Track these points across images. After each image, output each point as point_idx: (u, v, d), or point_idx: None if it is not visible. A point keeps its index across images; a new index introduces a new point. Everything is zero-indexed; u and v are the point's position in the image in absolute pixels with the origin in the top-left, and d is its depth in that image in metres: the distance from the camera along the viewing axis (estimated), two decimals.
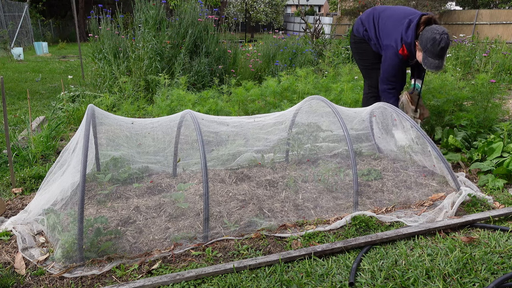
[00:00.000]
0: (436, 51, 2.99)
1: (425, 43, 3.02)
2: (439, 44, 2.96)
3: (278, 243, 2.29)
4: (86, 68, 8.07)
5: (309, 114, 3.21)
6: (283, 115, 3.20)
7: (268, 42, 7.88)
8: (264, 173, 3.18)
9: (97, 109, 2.55)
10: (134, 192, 2.83)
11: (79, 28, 9.52)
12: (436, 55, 3.00)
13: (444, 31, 3.00)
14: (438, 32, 2.98)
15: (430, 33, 3.00)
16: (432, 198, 2.79)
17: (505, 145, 3.35)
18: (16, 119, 4.88)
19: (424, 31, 3.06)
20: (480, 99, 4.24)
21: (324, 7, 43.65)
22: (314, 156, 3.39)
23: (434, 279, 1.95)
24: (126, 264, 2.05)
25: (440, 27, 3.05)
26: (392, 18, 3.37)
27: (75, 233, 2.03)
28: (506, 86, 7.09)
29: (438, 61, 3.03)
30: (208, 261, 2.11)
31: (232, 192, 2.84)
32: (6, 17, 16.18)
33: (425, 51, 3.04)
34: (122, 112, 4.32)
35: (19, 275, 1.98)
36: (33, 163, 3.40)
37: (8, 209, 2.67)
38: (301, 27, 17.46)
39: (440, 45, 2.97)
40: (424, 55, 3.07)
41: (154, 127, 2.87)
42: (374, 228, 2.43)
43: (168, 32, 6.04)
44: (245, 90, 4.52)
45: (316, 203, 2.74)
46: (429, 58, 3.04)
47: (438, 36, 2.96)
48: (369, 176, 3.10)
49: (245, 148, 3.31)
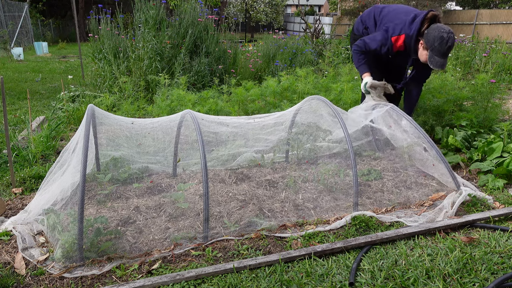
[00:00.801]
0: (443, 50, 2.97)
1: (432, 42, 2.99)
2: (446, 43, 2.95)
3: (278, 243, 2.29)
4: (86, 68, 8.08)
5: (309, 114, 3.21)
6: (283, 116, 3.19)
7: (268, 42, 7.88)
8: (264, 173, 3.18)
9: (97, 109, 2.55)
10: (134, 192, 2.83)
11: (79, 28, 9.52)
12: (443, 54, 2.99)
13: (450, 30, 2.99)
14: (445, 31, 2.96)
15: (437, 31, 2.98)
16: (432, 198, 2.79)
17: (505, 145, 3.35)
18: (16, 119, 4.88)
19: (430, 29, 3.04)
20: (480, 99, 4.25)
21: (324, 7, 43.65)
22: (314, 156, 3.39)
23: (434, 279, 1.95)
24: (126, 264, 2.05)
25: (445, 26, 3.03)
26: (395, 12, 3.34)
27: (75, 233, 2.03)
28: (506, 86, 7.09)
29: (443, 60, 3.02)
30: (208, 261, 2.11)
31: (232, 192, 2.84)
32: (6, 17, 16.18)
33: (432, 49, 3.01)
34: (122, 112, 4.32)
35: (19, 275, 1.98)
36: (33, 163, 3.40)
37: (8, 209, 2.67)
38: (301, 27, 17.46)
39: (447, 44, 2.95)
40: (430, 54, 3.04)
41: (154, 127, 2.87)
42: (374, 228, 2.43)
43: (168, 32, 6.04)
44: (245, 90, 4.52)
45: (316, 203, 2.74)
46: (436, 56, 3.02)
47: (446, 35, 2.94)
48: (369, 176, 3.10)
49: (245, 148, 3.31)
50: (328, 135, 3.33)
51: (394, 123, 3.20)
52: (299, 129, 3.26)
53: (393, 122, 3.21)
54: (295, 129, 3.26)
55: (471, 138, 3.79)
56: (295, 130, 3.26)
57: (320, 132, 3.28)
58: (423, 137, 2.89)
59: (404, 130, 3.20)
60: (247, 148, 3.31)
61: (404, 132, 3.22)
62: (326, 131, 3.29)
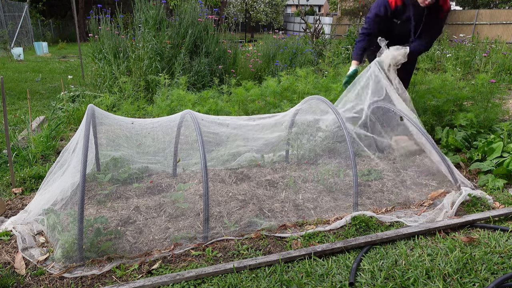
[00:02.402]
0: None
1: None
2: None
3: (278, 243, 2.29)
4: (86, 68, 8.07)
5: (309, 114, 3.21)
6: (283, 116, 3.19)
7: (268, 42, 7.88)
8: (264, 173, 3.18)
9: (97, 109, 2.55)
10: (134, 192, 2.83)
11: (79, 28, 9.52)
12: None
13: None
14: None
15: None
16: (431, 196, 2.79)
17: (505, 145, 3.35)
18: (16, 119, 4.88)
19: None
20: (480, 99, 4.24)
21: (324, 7, 43.63)
22: (314, 156, 3.39)
23: (434, 279, 1.95)
24: (126, 264, 2.05)
25: None
26: None
27: (75, 233, 2.03)
28: (506, 86, 7.08)
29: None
30: (208, 261, 2.11)
31: (232, 192, 2.84)
32: (6, 17, 16.17)
33: None
34: (122, 112, 4.32)
35: (19, 275, 1.98)
36: (33, 163, 3.40)
37: (8, 209, 2.67)
38: (301, 27, 17.45)
39: None
40: None
41: (154, 127, 2.87)
42: (374, 228, 2.43)
43: (168, 32, 6.04)
44: (245, 90, 4.52)
45: (316, 203, 2.74)
46: None
47: None
48: (369, 176, 3.10)
49: (245, 148, 3.31)
50: (328, 135, 3.33)
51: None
52: (299, 129, 3.26)
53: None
54: (295, 129, 3.26)
55: (471, 138, 3.79)
56: (295, 130, 3.26)
57: (320, 132, 3.28)
58: (422, 135, 2.90)
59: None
60: (247, 148, 3.31)
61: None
62: (326, 131, 3.29)
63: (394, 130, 3.35)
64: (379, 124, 3.40)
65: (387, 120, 3.33)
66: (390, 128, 3.35)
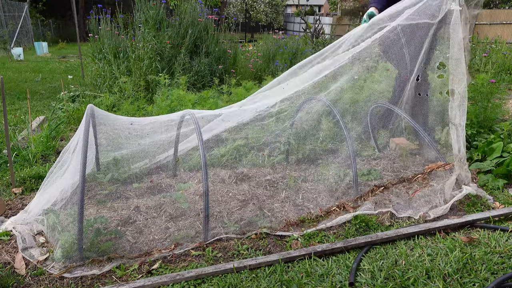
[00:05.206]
0: None
1: None
2: None
3: (278, 243, 2.29)
4: (86, 68, 8.07)
5: (309, 114, 3.21)
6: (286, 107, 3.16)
7: (268, 42, 7.88)
8: (264, 173, 3.18)
9: (97, 109, 2.55)
10: (134, 192, 2.83)
11: (79, 28, 9.51)
12: None
13: None
14: None
15: None
16: (429, 167, 2.77)
17: (505, 145, 3.35)
18: (16, 119, 4.88)
19: None
20: (480, 99, 4.24)
21: (324, 7, 43.62)
22: (314, 156, 3.39)
23: (434, 279, 1.95)
24: (126, 264, 2.05)
25: None
26: None
27: (75, 233, 2.03)
28: (506, 86, 7.08)
29: None
30: (208, 261, 2.11)
31: (232, 192, 2.84)
32: (6, 17, 16.18)
33: None
34: (122, 112, 4.32)
35: (19, 275, 1.98)
36: (33, 163, 3.40)
37: (8, 209, 2.67)
38: (301, 27, 17.45)
39: None
40: None
41: (153, 127, 2.87)
42: (374, 228, 2.43)
43: (168, 32, 6.04)
44: (245, 90, 4.52)
45: (316, 203, 2.74)
46: None
47: None
48: (369, 176, 3.10)
49: (245, 148, 3.31)
50: (328, 134, 3.33)
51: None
52: (299, 129, 3.26)
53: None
54: (295, 129, 3.26)
55: (471, 138, 3.79)
56: (295, 129, 3.26)
57: (320, 131, 3.28)
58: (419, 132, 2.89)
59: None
60: (247, 148, 3.31)
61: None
62: (326, 130, 3.29)
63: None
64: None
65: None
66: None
